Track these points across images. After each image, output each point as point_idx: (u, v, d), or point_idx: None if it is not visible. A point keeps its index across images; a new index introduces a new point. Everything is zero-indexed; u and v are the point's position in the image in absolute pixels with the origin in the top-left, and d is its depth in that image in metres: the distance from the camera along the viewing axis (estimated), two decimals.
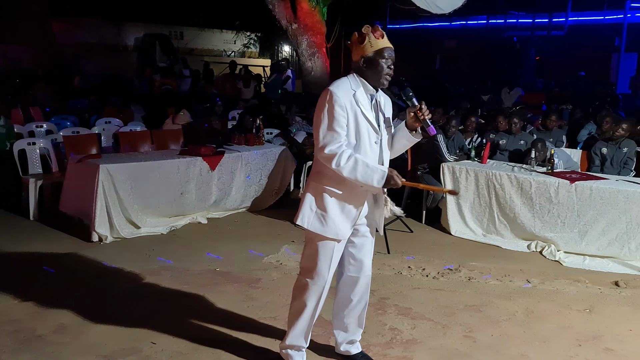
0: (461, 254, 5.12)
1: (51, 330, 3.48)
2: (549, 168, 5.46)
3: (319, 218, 2.83)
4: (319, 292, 2.90)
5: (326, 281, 2.89)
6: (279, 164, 6.54)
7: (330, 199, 2.81)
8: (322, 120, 2.71)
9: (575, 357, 3.33)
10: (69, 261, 4.69)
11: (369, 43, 2.73)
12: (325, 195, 2.82)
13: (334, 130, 2.68)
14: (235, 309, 3.83)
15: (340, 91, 2.71)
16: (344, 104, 2.69)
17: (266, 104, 9.92)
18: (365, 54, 2.74)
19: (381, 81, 2.77)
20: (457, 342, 3.46)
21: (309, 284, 2.90)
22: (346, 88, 2.75)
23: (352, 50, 2.81)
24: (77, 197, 5.40)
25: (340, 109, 2.68)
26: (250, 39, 24.19)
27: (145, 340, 3.35)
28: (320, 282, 2.88)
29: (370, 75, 2.76)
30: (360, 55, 2.75)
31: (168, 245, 5.15)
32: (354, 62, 2.80)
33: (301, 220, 2.87)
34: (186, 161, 5.74)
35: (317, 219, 2.83)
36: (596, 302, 4.12)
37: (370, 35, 2.73)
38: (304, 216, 2.86)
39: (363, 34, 2.74)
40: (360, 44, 2.75)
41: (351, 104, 2.72)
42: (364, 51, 2.74)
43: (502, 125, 6.54)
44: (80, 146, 6.31)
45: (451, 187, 5.64)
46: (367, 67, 2.75)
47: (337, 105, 2.68)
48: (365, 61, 2.74)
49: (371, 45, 2.73)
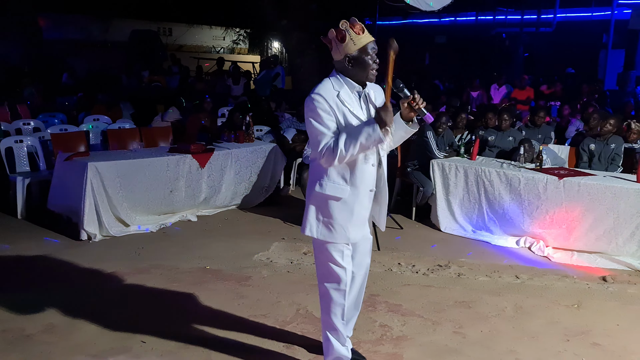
0: (451, 251, 5.15)
1: (40, 330, 3.46)
2: (537, 164, 5.50)
3: (327, 226, 2.78)
4: (342, 295, 2.86)
5: (346, 282, 2.86)
6: (268, 161, 6.53)
7: (335, 205, 2.76)
8: (312, 130, 2.67)
9: (564, 352, 3.36)
10: (57, 260, 4.66)
11: (352, 41, 2.62)
12: (329, 202, 2.76)
13: (324, 134, 2.65)
14: (225, 307, 3.82)
15: (322, 95, 2.64)
16: (327, 108, 2.63)
17: (256, 101, 9.89)
18: (349, 52, 2.64)
19: (369, 77, 2.71)
20: (447, 338, 3.48)
21: (330, 290, 2.86)
22: (328, 90, 2.67)
23: (332, 48, 2.69)
24: (65, 195, 5.36)
25: (326, 114, 2.63)
26: (240, 35, 24.09)
27: (135, 339, 3.34)
28: (341, 285, 2.85)
29: (355, 73, 2.68)
30: (344, 54, 2.65)
31: (158, 243, 5.13)
32: (338, 62, 2.70)
33: (309, 231, 2.81)
34: (175, 159, 5.71)
35: (325, 226, 2.78)
36: (584, 298, 4.16)
37: (351, 32, 2.62)
38: (311, 227, 2.81)
39: (342, 30, 2.63)
40: (341, 43, 2.63)
41: (337, 105, 2.65)
42: (347, 50, 2.63)
43: (491, 121, 6.57)
44: (68, 144, 6.25)
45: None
46: (353, 65, 2.67)
47: (321, 111, 2.63)
48: (349, 60, 2.66)
49: (354, 43, 2.63)
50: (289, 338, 3.40)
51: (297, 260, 4.78)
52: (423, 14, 8.89)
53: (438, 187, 5.73)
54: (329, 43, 2.70)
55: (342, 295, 2.86)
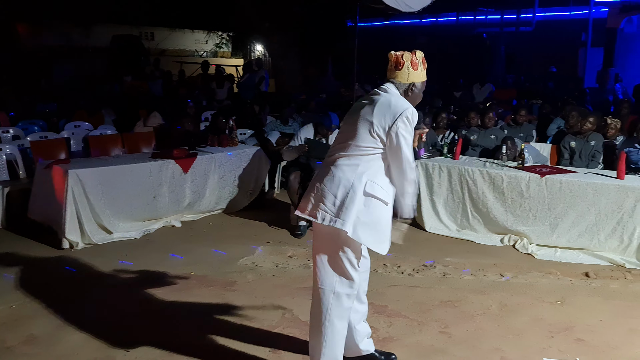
0: (436, 250, 5.17)
1: (21, 341, 3.40)
2: (519, 163, 5.54)
3: (369, 229, 2.71)
4: (352, 299, 2.82)
5: (358, 286, 2.84)
6: (253, 165, 6.50)
7: (382, 209, 2.74)
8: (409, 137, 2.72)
9: (548, 348, 3.39)
10: (38, 269, 4.60)
11: (422, 72, 2.83)
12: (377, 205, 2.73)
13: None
14: (210, 312, 3.79)
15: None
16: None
17: (240, 105, 9.85)
18: (416, 81, 2.81)
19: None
20: (432, 338, 3.49)
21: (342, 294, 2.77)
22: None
23: (400, 68, 2.80)
24: (46, 203, 5.29)
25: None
26: (222, 38, 24.00)
27: (118, 348, 3.30)
28: (354, 289, 2.81)
29: (408, 99, 2.80)
30: (412, 81, 2.80)
31: (142, 249, 5.08)
32: (400, 83, 2.81)
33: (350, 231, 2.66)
34: (158, 164, 5.67)
35: (367, 229, 2.71)
36: (567, 294, 4.20)
37: (421, 66, 2.82)
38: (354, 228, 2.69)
39: (416, 60, 2.80)
40: (414, 69, 2.80)
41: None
42: (416, 78, 2.81)
43: (473, 121, 6.61)
44: (49, 151, 6.18)
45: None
46: (412, 94, 2.82)
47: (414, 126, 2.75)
48: (412, 88, 2.82)
49: (422, 75, 2.83)
50: (275, 343, 3.38)
51: (283, 263, 4.76)
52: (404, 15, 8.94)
53: (422, 188, 5.75)
54: (399, 63, 2.80)
55: (351, 300, 2.83)
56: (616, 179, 5.00)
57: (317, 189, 2.78)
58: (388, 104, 2.73)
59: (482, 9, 19.96)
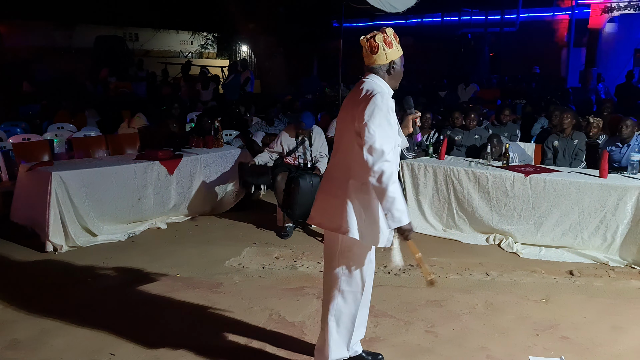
0: (422, 250, 5.16)
1: (4, 345, 3.35)
2: (504, 162, 5.58)
3: (372, 229, 2.71)
4: (360, 298, 2.84)
5: (367, 285, 2.85)
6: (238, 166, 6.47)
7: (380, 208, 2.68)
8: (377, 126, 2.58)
9: (533, 346, 3.41)
10: (21, 273, 4.54)
11: (397, 48, 2.75)
12: (375, 204, 2.68)
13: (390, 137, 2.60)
14: (196, 314, 3.77)
15: (389, 99, 2.67)
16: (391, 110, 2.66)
17: (225, 105, 9.82)
18: (394, 58, 2.74)
19: (397, 85, 2.80)
20: (419, 338, 3.50)
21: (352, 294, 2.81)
22: (385, 92, 2.68)
23: (375, 51, 2.72)
24: (29, 206, 5.22)
25: (392, 115, 2.65)
26: (208, 39, 23.89)
27: (103, 352, 3.27)
28: (364, 288, 2.82)
29: (392, 78, 2.77)
30: (390, 59, 2.74)
31: (127, 252, 5.03)
32: (379, 66, 2.74)
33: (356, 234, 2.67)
34: (143, 166, 5.63)
35: (371, 230, 2.71)
36: (552, 292, 4.24)
37: (395, 42, 2.74)
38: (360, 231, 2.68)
39: (389, 37, 2.72)
40: (389, 48, 2.73)
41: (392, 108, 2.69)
42: (395, 55, 2.74)
43: (457, 121, 6.65)
44: (31, 153, 6.11)
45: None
46: (394, 72, 2.76)
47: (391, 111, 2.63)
48: (394, 65, 2.75)
49: (398, 50, 2.76)
50: (262, 344, 3.37)
51: (269, 265, 4.75)
52: (389, 16, 8.97)
53: (408, 188, 5.77)
54: (373, 47, 2.73)
55: (360, 299, 2.86)
56: (599, 177, 5.06)
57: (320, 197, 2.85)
58: (361, 94, 2.70)
59: (466, 10, 20.10)
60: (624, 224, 4.85)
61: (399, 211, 2.58)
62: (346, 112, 2.77)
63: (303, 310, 3.82)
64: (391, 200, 2.56)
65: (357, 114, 2.63)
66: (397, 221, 2.59)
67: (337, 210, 2.71)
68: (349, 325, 2.87)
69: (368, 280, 2.93)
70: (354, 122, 2.65)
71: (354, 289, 2.82)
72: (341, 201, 2.70)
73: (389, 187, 2.55)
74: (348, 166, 2.70)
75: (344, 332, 2.88)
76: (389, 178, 2.55)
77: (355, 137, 2.64)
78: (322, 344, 2.91)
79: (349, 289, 2.82)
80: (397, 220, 2.59)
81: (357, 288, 2.82)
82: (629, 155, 5.40)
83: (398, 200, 2.57)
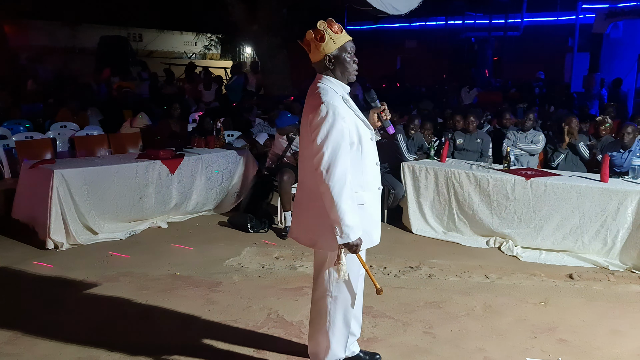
0: (422, 252, 5.19)
1: (3, 341, 3.37)
2: (505, 165, 5.58)
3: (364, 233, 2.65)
4: (354, 301, 2.82)
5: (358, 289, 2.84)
6: (240, 166, 6.49)
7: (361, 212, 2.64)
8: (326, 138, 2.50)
9: (531, 348, 3.41)
10: (23, 270, 4.55)
11: (331, 40, 2.58)
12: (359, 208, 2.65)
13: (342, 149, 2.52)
14: (195, 313, 3.78)
15: (336, 101, 2.55)
16: (344, 113, 2.54)
17: (227, 106, 9.84)
18: (329, 52, 2.60)
19: (350, 77, 2.67)
20: (417, 339, 3.50)
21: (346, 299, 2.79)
22: (335, 95, 2.59)
23: (312, 50, 2.63)
24: (30, 203, 5.24)
25: (343, 121, 2.53)
26: (211, 40, 23.97)
27: (102, 349, 3.27)
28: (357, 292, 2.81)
29: (338, 73, 2.64)
30: (324, 54, 2.60)
31: (127, 250, 5.05)
32: (318, 62, 2.64)
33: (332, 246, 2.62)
34: (145, 165, 5.64)
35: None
36: (551, 295, 4.24)
37: (329, 32, 2.58)
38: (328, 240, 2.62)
39: (320, 30, 2.58)
40: (320, 42, 2.58)
41: (346, 110, 2.59)
42: (327, 49, 2.59)
43: (459, 124, 6.65)
44: (34, 151, 6.13)
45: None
46: (335, 65, 2.63)
47: (339, 118, 2.51)
48: (330, 59, 2.61)
49: (334, 42, 2.58)
50: (260, 343, 3.37)
51: (269, 264, 4.76)
52: (393, 19, 8.99)
53: (409, 190, 5.78)
54: (307, 45, 2.65)
55: (354, 302, 2.85)
56: (600, 182, 5.05)
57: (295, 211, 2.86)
58: (310, 101, 2.63)
59: (470, 14, 20.12)
60: (624, 228, 4.85)
61: (348, 227, 2.52)
62: (305, 117, 2.67)
63: (302, 310, 3.82)
64: (341, 215, 2.51)
65: (307, 125, 2.59)
66: (345, 237, 2.54)
67: (309, 225, 2.71)
68: (343, 330, 2.86)
69: (359, 281, 2.93)
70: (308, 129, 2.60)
71: (344, 294, 2.80)
72: (313, 213, 2.67)
73: (339, 203, 2.50)
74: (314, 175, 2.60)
75: (340, 337, 2.86)
76: (338, 194, 2.49)
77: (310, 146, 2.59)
78: (316, 348, 2.89)
79: (340, 294, 2.79)
80: (345, 237, 2.54)
81: (348, 292, 2.81)
82: (630, 160, 5.40)
83: (348, 216, 2.51)
